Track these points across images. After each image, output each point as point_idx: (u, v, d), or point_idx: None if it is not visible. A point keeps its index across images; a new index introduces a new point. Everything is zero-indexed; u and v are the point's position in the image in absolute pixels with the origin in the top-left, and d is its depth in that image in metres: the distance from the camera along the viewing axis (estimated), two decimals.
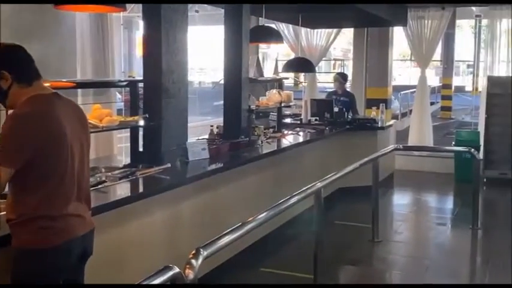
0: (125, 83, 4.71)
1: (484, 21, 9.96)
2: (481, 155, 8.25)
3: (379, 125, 7.95)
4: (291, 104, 7.33)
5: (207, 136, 5.45)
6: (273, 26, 7.74)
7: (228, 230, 2.95)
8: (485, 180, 8.44)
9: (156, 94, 4.32)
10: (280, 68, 8.12)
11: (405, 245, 5.94)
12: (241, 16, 5.52)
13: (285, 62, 8.49)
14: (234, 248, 4.48)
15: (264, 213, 3.39)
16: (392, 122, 8.98)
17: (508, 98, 8.47)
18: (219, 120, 5.90)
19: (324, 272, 4.26)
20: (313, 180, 4.23)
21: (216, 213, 4.45)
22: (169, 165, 4.22)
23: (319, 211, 4.21)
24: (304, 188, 4.04)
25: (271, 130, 6.75)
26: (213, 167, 4.63)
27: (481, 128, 8.97)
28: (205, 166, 4.57)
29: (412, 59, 11.05)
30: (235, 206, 4.77)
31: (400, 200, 8.14)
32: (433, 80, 21.96)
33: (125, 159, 4.92)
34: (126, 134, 5.17)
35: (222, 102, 5.74)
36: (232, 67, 5.61)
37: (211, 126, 5.62)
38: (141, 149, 4.45)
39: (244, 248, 4.81)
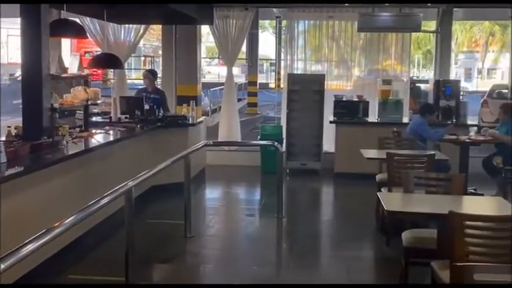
0: None
1: (284, 22, 10.64)
2: (284, 148, 8.86)
3: (190, 122, 8.07)
4: (98, 101, 7.07)
5: (3, 138, 5.00)
6: (77, 20, 7.38)
7: (31, 238, 2.76)
8: (288, 171, 9.07)
9: None
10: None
11: (217, 238, 6.12)
12: (39, 8, 5.16)
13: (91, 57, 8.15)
14: (39, 256, 4.20)
15: (72, 217, 3.24)
16: (202, 118, 9.18)
17: (306, 94, 9.19)
18: (19, 121, 5.46)
19: (136, 272, 4.20)
20: (126, 179, 4.15)
21: (17, 222, 4.11)
22: None
23: (130, 211, 4.13)
24: (115, 188, 3.94)
25: (77, 129, 6.44)
26: (11, 171, 4.26)
27: (284, 123, 9.61)
28: (2, 171, 4.19)
29: (220, 57, 11.46)
30: (40, 211, 4.46)
31: (212, 195, 8.37)
32: (240, 77, 22.93)
33: None
34: None
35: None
36: (30, 63, 5.23)
37: (9, 127, 5.18)
38: None
39: (51, 254, 4.53)
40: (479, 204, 4.51)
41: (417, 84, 9.82)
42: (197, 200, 7.20)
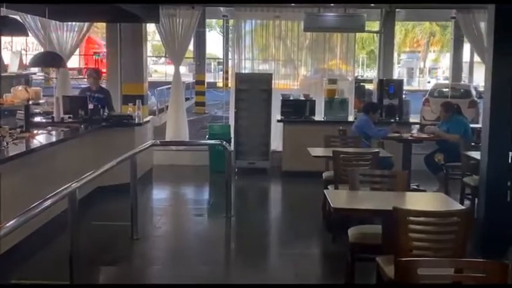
0: None
1: (231, 22, 10.62)
2: (232, 147, 8.85)
3: (136, 121, 7.94)
4: (40, 101, 6.87)
5: None
6: (17, 17, 7.14)
7: None
8: (236, 170, 9.07)
9: None
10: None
11: (164, 239, 6.06)
12: None
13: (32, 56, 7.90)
14: None
15: (13, 221, 3.13)
16: (149, 118, 9.05)
17: (253, 93, 9.21)
18: None
19: (81, 275, 4.10)
20: (70, 181, 4.04)
21: None
22: None
23: (73, 213, 4.02)
24: (59, 190, 3.83)
25: (18, 130, 6.22)
26: None
27: (232, 122, 9.60)
28: None
29: (167, 55, 11.34)
30: None
31: (159, 195, 8.27)
32: (188, 76, 22.77)
33: None
34: None
35: None
36: None
37: None
38: None
39: None
40: (422, 200, 4.64)
41: (362, 84, 10.03)
42: (144, 200, 7.10)
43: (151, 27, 11.94)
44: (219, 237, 6.20)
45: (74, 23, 9.45)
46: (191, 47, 19.15)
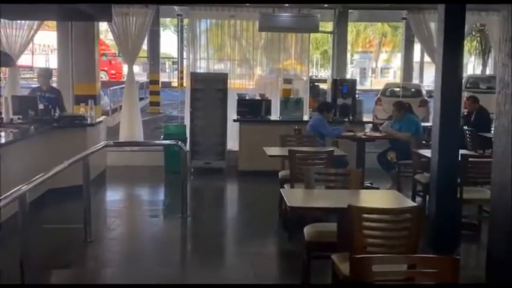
0: None
1: (186, 21, 10.55)
2: (188, 147, 8.79)
3: (89, 122, 7.78)
4: None
5: None
6: None
7: None
8: (192, 170, 9.01)
9: None
10: None
11: (119, 242, 5.96)
12: None
13: None
14: None
15: None
16: (102, 118, 8.89)
17: (209, 93, 9.17)
18: None
19: (33, 280, 3.99)
20: (20, 183, 3.92)
21: None
22: None
23: (24, 216, 3.91)
24: (8, 193, 3.72)
25: None
26: None
27: (187, 122, 9.53)
28: None
29: (120, 54, 11.13)
30: None
31: (113, 197, 8.13)
32: (141, 76, 22.49)
33: None
34: None
35: None
36: None
37: None
38: None
39: None
40: (376, 198, 4.72)
41: (316, 83, 10.13)
42: (97, 202, 6.96)
43: (103, 26, 11.73)
44: (175, 238, 6.15)
45: (23, 21, 9.18)
46: (145, 46, 18.92)
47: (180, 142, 6.77)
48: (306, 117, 9.04)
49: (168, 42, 31.48)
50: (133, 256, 5.49)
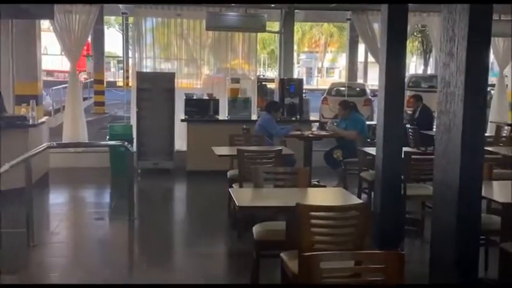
0: None
1: (131, 19, 10.39)
2: (134, 148, 8.65)
3: (30, 123, 7.54)
4: None
5: None
6: None
7: None
8: (139, 171, 8.88)
9: None
10: None
11: (64, 245, 5.80)
12: None
13: None
14: None
15: None
16: (44, 119, 8.62)
17: (156, 92, 9.06)
18: None
19: None
20: None
21: None
22: None
23: None
24: None
25: None
26: None
27: (134, 122, 9.39)
28: None
29: (63, 53, 10.82)
30: None
31: (57, 200, 7.90)
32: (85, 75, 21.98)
33: None
34: None
35: None
36: None
37: None
38: None
39: None
40: (323, 195, 4.78)
41: (264, 83, 10.19)
42: (40, 206, 6.75)
43: (45, 24, 11.41)
44: (122, 241, 6.04)
45: None
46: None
47: (126, 143, 6.66)
48: (254, 117, 9.06)
49: (113, 40, 30.90)
50: (78, 260, 5.35)
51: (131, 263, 5.50)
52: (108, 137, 9.07)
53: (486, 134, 7.82)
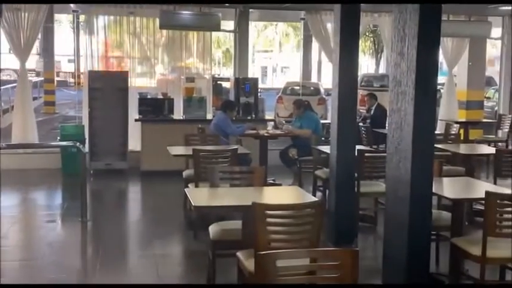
0: None
1: (82, 17, 10.19)
2: (86, 148, 8.48)
3: None
4: None
5: None
6: None
7: None
8: (92, 172, 8.71)
9: None
10: None
11: (14, 250, 5.63)
12: None
13: None
14: None
15: None
16: None
17: (108, 92, 8.91)
18: None
19: None
20: None
21: None
22: None
23: None
24: None
25: None
26: None
27: (86, 122, 9.20)
28: None
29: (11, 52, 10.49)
30: None
31: (6, 202, 7.61)
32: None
33: None
34: None
35: None
36: None
37: None
38: None
39: None
40: (279, 194, 4.81)
41: (219, 82, 10.16)
42: None
43: None
44: (75, 243, 5.91)
45: None
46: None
47: (78, 143, 6.54)
48: (209, 116, 9.03)
49: (64, 39, 30.17)
50: (30, 264, 5.21)
51: (84, 265, 5.39)
52: (59, 138, 8.87)
53: (436, 132, 8.04)
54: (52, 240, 5.91)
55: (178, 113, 9.22)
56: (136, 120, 8.91)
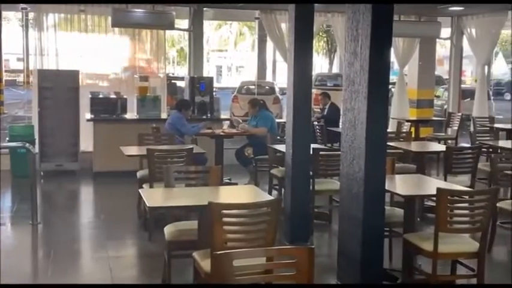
0: None
1: (31, 15, 9.91)
2: (36, 149, 8.26)
3: None
4: None
5: None
6: None
7: None
8: (42, 173, 8.48)
9: None
10: None
11: None
12: None
13: None
14: None
15: None
16: None
17: (59, 91, 8.69)
18: None
19: None
20: None
21: None
22: None
23: None
24: None
25: None
26: None
27: (35, 122, 8.95)
28: None
29: None
30: None
31: None
32: None
33: None
34: None
35: None
36: None
37: None
38: None
39: None
40: (235, 193, 4.80)
41: (173, 81, 10.06)
42: None
43: None
44: (25, 247, 5.75)
45: None
46: None
47: (27, 144, 6.35)
48: (164, 115, 8.93)
49: (12, 36, 29.29)
50: None
51: (35, 269, 5.24)
52: (8, 139, 8.61)
53: (388, 130, 8.20)
54: (1, 244, 5.72)
55: (131, 113, 9.07)
56: (88, 120, 8.72)
